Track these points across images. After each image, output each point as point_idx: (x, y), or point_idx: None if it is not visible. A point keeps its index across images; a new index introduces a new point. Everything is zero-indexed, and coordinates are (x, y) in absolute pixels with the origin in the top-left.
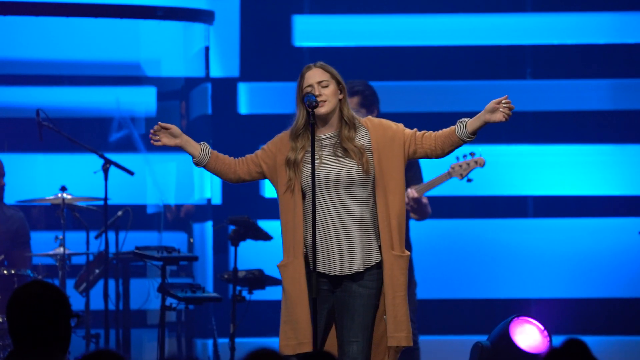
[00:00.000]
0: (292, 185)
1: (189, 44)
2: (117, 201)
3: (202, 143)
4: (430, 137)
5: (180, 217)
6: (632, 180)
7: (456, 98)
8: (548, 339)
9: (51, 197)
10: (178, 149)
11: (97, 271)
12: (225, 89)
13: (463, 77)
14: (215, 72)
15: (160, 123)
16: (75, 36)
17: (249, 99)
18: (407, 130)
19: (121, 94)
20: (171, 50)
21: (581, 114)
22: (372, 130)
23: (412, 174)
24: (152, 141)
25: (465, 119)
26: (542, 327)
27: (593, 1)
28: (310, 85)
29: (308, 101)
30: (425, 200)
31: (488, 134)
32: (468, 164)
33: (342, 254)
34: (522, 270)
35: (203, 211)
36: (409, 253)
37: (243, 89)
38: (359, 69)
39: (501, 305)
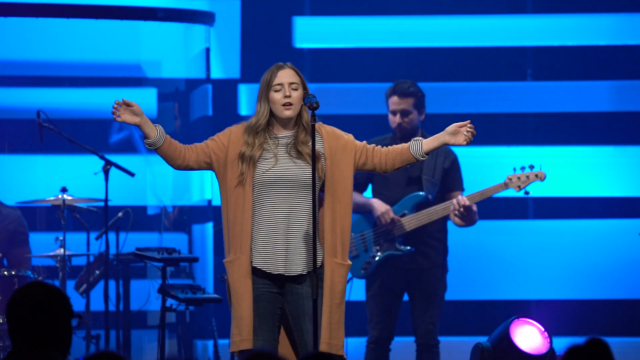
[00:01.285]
0: (244, 180)
1: (189, 46)
2: (118, 202)
3: (157, 125)
4: (381, 152)
5: (181, 219)
6: (632, 181)
7: (456, 100)
8: (548, 340)
9: (52, 198)
10: None
11: (97, 272)
12: (225, 90)
13: (463, 78)
14: (216, 73)
15: (124, 99)
16: (75, 37)
17: (250, 101)
18: (358, 142)
19: (122, 96)
20: (172, 51)
21: (582, 116)
22: (325, 136)
23: (453, 178)
24: (114, 117)
25: (420, 138)
26: (542, 329)
27: (594, 2)
28: (280, 84)
29: (309, 102)
30: (475, 208)
31: (488, 135)
32: (527, 177)
33: (288, 254)
34: (523, 272)
35: (203, 212)
36: (349, 262)
37: (243, 90)
38: (360, 70)
39: (502, 307)
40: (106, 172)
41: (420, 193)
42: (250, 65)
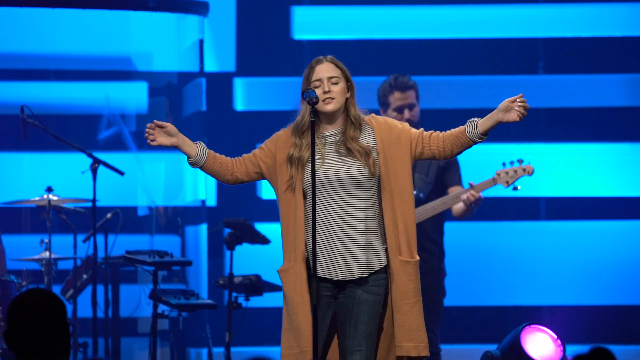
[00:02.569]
0: (294, 184)
1: (182, 37)
2: (106, 203)
3: (198, 142)
4: (438, 138)
5: (174, 220)
6: None
7: (464, 94)
8: (561, 348)
9: (36, 198)
10: (169, 149)
11: (85, 277)
12: (220, 84)
13: (471, 71)
14: (210, 66)
15: (155, 121)
16: (62, 28)
17: (246, 95)
18: (414, 130)
19: (111, 90)
20: (163, 43)
21: (596, 111)
22: (377, 129)
23: (452, 174)
24: (148, 141)
25: (476, 119)
26: (555, 336)
27: None
28: (319, 80)
29: (308, 97)
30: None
31: (497, 132)
32: (515, 172)
33: (346, 258)
34: (534, 276)
35: (197, 213)
36: (418, 258)
37: (239, 84)
38: (362, 63)
39: (512, 313)
40: (94, 171)
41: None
42: (246, 58)
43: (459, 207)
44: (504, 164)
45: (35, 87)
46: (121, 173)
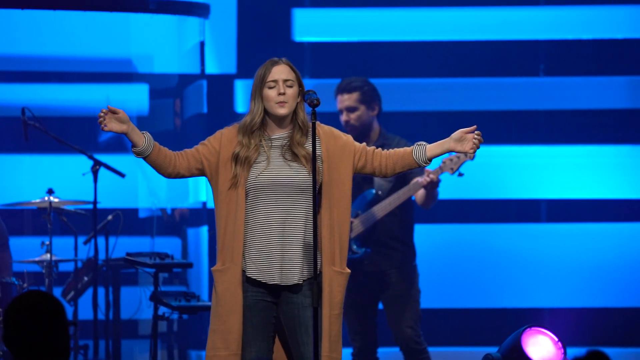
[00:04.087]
0: (237, 183)
1: (183, 39)
2: (107, 205)
3: (144, 132)
4: (382, 155)
5: (175, 222)
6: None
7: (464, 96)
8: (562, 350)
9: (37, 200)
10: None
11: (85, 279)
12: (221, 86)
13: (472, 74)
14: (211, 68)
15: (109, 106)
16: (63, 30)
17: (246, 97)
18: (357, 144)
19: (111, 92)
20: (164, 45)
21: (597, 113)
22: (322, 137)
23: (414, 173)
24: (101, 126)
25: (424, 143)
26: (556, 339)
27: None
28: (274, 81)
29: (309, 98)
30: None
31: (498, 134)
32: (458, 157)
33: (284, 264)
34: (535, 278)
35: (198, 215)
36: (349, 271)
37: (240, 86)
38: (363, 65)
39: (513, 315)
40: (95, 173)
41: (372, 190)
42: (247, 60)
43: (420, 195)
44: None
45: (36, 89)
46: (122, 175)
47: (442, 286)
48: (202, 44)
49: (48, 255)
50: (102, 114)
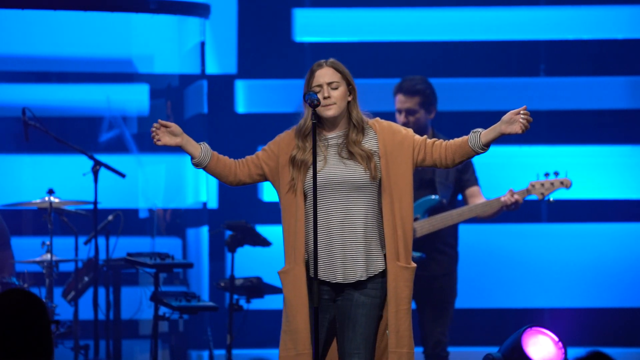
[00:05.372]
0: (295, 186)
1: (183, 39)
2: (108, 205)
3: (202, 143)
4: (441, 146)
5: (175, 222)
6: None
7: (465, 96)
8: (563, 350)
9: (38, 200)
10: (172, 149)
11: (86, 279)
12: (221, 86)
13: (473, 74)
14: (212, 68)
15: (160, 120)
16: (63, 31)
17: (247, 97)
18: (417, 137)
19: (112, 92)
20: (165, 45)
21: (597, 113)
22: (380, 133)
23: (469, 175)
24: (154, 141)
25: (479, 130)
26: (556, 339)
27: None
28: (319, 85)
29: (309, 99)
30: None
31: None
32: (552, 184)
33: (345, 261)
34: (536, 279)
35: (198, 215)
36: (414, 265)
37: (240, 86)
38: (363, 65)
39: (513, 315)
40: (95, 173)
41: (434, 197)
42: (248, 60)
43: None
44: (537, 175)
45: (37, 89)
46: (122, 175)
47: None
48: (202, 44)
49: (48, 256)
50: (154, 129)
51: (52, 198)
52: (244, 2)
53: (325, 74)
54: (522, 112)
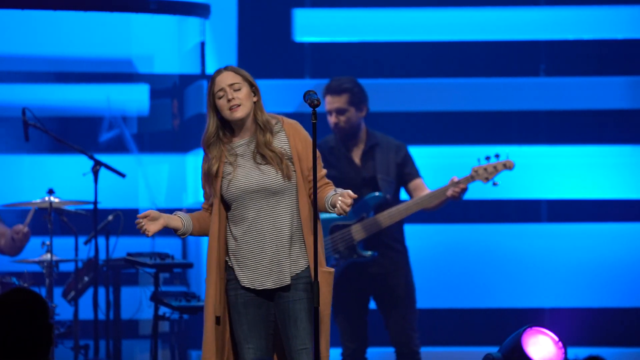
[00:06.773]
0: (213, 198)
1: (183, 39)
2: (108, 205)
3: (175, 213)
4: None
5: None
6: None
7: (465, 96)
8: (563, 350)
9: (38, 200)
10: (170, 151)
11: (86, 279)
12: None
13: (472, 74)
14: (212, 68)
15: (138, 215)
16: (63, 30)
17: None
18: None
19: (112, 92)
20: (165, 45)
21: (598, 113)
22: (289, 131)
23: (409, 168)
24: (146, 234)
25: (338, 192)
26: (556, 339)
27: None
28: (222, 89)
29: (310, 99)
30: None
31: (498, 134)
32: (495, 167)
33: (273, 269)
34: (536, 278)
35: None
36: (332, 269)
37: None
38: (363, 65)
39: (513, 315)
40: (95, 173)
41: (377, 194)
42: (248, 61)
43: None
44: (478, 160)
45: (37, 89)
46: (122, 175)
47: (443, 286)
48: (202, 44)
49: (48, 256)
50: (141, 224)
51: (52, 198)
52: (244, 2)
53: (225, 78)
54: (347, 196)
